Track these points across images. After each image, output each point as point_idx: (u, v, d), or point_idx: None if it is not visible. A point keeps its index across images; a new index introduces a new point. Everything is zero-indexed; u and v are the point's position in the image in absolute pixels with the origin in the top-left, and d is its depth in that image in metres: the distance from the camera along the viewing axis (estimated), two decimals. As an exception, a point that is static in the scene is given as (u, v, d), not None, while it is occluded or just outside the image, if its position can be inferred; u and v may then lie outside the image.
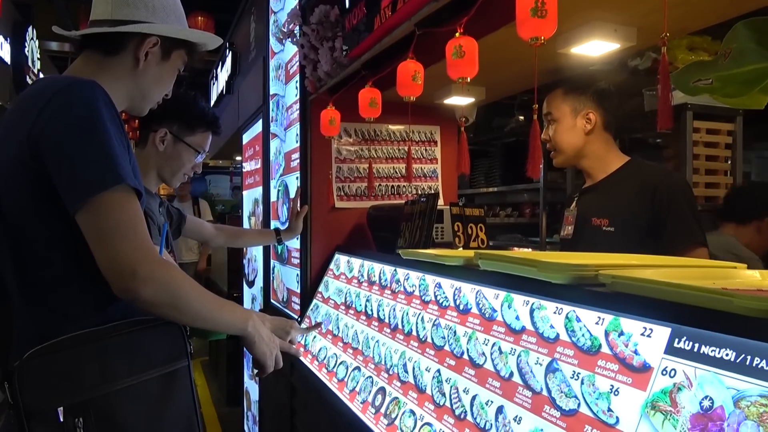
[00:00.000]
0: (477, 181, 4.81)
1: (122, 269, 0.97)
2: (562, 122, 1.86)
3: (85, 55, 1.22)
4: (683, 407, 0.81)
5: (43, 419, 0.97)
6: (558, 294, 1.12)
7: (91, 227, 0.98)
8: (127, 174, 1.02)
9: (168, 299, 1.02)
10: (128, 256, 0.97)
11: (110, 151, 1.00)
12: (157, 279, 0.99)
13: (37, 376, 0.98)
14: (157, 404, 1.08)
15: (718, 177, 2.89)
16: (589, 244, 1.80)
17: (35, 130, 1.00)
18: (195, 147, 1.93)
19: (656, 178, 1.74)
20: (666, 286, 0.90)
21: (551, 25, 1.07)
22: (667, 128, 0.88)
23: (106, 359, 1.04)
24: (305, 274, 2.56)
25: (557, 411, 1.01)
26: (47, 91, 1.03)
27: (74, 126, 1.00)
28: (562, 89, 1.88)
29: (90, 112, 1.01)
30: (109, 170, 0.99)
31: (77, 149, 0.99)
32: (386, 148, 2.65)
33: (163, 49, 1.25)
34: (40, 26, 6.77)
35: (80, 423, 0.98)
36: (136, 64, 1.22)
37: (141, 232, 1.01)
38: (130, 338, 1.07)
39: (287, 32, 2.44)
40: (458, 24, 1.37)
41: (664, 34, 0.94)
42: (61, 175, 0.99)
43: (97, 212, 0.98)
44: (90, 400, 1.00)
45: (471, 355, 1.31)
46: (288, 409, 2.41)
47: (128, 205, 1.01)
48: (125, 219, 0.99)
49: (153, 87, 1.28)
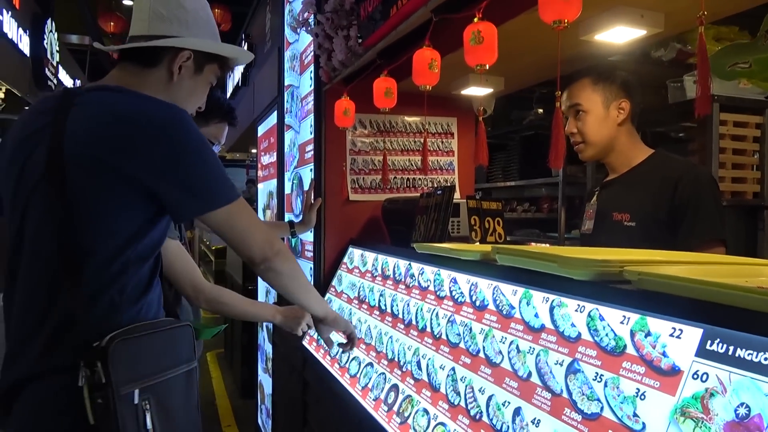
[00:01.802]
0: (494, 175, 4.73)
1: (264, 250, 1.25)
2: (593, 113, 1.77)
3: (122, 66, 1.28)
4: (716, 414, 0.75)
5: (124, 399, 1.05)
6: (580, 291, 1.06)
7: (232, 227, 1.21)
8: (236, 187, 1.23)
9: (290, 270, 1.34)
10: (265, 241, 1.26)
11: (223, 169, 1.20)
12: (284, 254, 1.30)
13: (122, 358, 1.06)
14: (185, 395, 1.21)
15: (746, 172, 2.80)
16: (609, 239, 1.74)
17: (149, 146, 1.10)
18: (209, 138, 1.88)
19: (679, 171, 1.67)
20: (698, 284, 0.84)
21: (575, 7, 1.02)
22: (705, 114, 0.82)
23: (161, 349, 1.17)
24: (318, 268, 2.53)
25: (578, 414, 0.96)
26: (157, 113, 1.13)
27: (196, 147, 1.15)
28: (590, 78, 1.78)
29: (199, 136, 1.17)
30: (231, 184, 1.20)
31: (205, 167, 1.16)
32: (402, 140, 2.60)
33: (196, 63, 1.30)
34: (59, 19, 6.81)
35: (146, 405, 1.08)
36: (171, 78, 1.28)
37: (262, 225, 1.32)
38: (171, 334, 1.21)
39: (302, 21, 2.40)
40: (477, 9, 1.32)
41: (702, 13, 0.88)
42: (187, 186, 1.13)
43: (235, 216, 1.20)
44: (153, 385, 1.11)
45: (487, 354, 1.26)
46: (300, 403, 2.39)
47: (248, 207, 1.25)
48: (253, 217, 1.28)
49: (187, 99, 1.33)
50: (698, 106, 0.87)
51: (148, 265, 1.18)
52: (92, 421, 1.02)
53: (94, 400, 1.02)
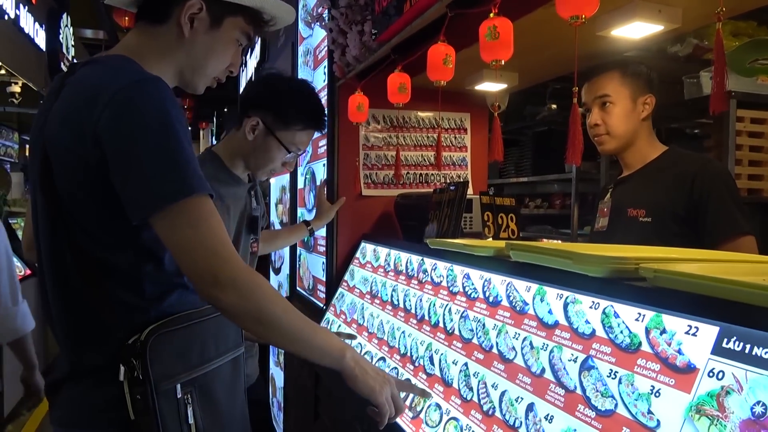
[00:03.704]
0: (507, 171, 4.73)
1: (203, 276, 0.94)
2: (621, 105, 1.76)
3: (136, 27, 1.14)
4: (732, 412, 0.75)
5: (165, 395, 0.99)
6: (594, 288, 1.06)
7: (169, 236, 0.95)
8: (200, 181, 0.96)
9: (252, 309, 0.97)
10: (208, 262, 0.93)
11: (180, 158, 0.95)
12: (240, 285, 0.95)
13: (162, 352, 1.00)
14: (230, 384, 1.14)
15: (763, 168, 2.77)
16: (624, 235, 1.73)
17: (99, 130, 0.94)
18: (286, 144, 1.69)
19: (695, 167, 1.66)
20: (714, 282, 0.83)
21: (593, 3, 1.01)
22: (721, 111, 0.82)
23: (204, 339, 1.08)
24: (331, 263, 2.54)
25: (592, 411, 0.96)
26: (111, 86, 0.96)
27: (144, 132, 0.94)
28: (619, 71, 1.77)
29: (159, 115, 0.95)
30: (181, 180, 0.94)
31: (149, 156, 0.94)
32: (415, 135, 2.60)
33: (211, 15, 1.11)
34: (74, 13, 6.87)
35: (189, 399, 1.02)
36: (182, 33, 1.10)
37: (219, 237, 0.96)
38: (216, 322, 1.10)
39: (316, 16, 2.40)
40: (493, 4, 1.31)
41: (720, 9, 0.87)
42: (128, 183, 0.95)
43: (173, 221, 0.94)
44: (196, 377, 1.05)
45: (500, 349, 1.26)
46: (312, 396, 2.40)
47: (204, 210, 0.96)
48: (202, 226, 0.95)
49: (204, 59, 1.14)
50: (713, 104, 0.86)
51: (167, 257, 1.05)
52: (132, 417, 0.98)
53: (134, 396, 0.98)
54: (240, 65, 1.27)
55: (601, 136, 1.80)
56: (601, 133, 1.79)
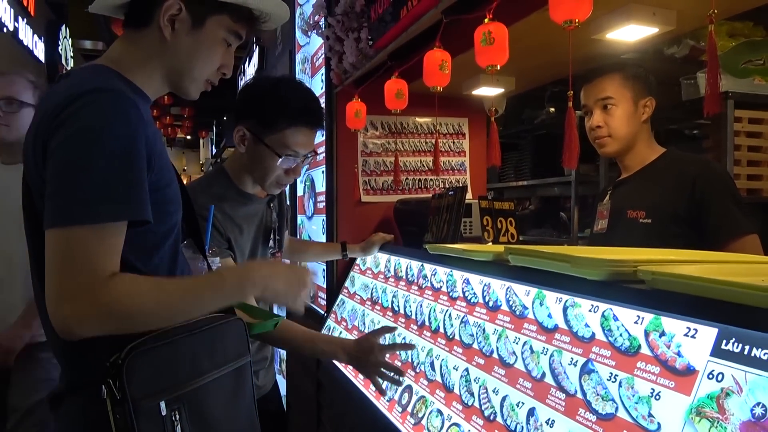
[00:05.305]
0: (506, 175, 4.72)
1: (54, 314, 0.88)
2: (623, 107, 1.75)
3: (122, 35, 1.10)
4: (732, 414, 0.75)
5: (146, 413, 0.95)
6: (593, 291, 1.06)
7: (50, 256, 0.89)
8: (105, 206, 0.90)
9: (113, 328, 0.92)
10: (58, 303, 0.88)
11: (88, 177, 0.89)
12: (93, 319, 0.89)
13: (141, 371, 0.96)
14: (231, 397, 1.09)
15: (762, 169, 2.76)
16: (624, 236, 1.73)
17: (48, 144, 0.92)
18: (276, 149, 1.52)
19: (695, 168, 1.67)
20: (712, 284, 0.83)
21: (586, 7, 1.01)
22: (715, 113, 0.82)
23: (195, 353, 1.03)
24: (331, 269, 2.54)
25: (593, 415, 0.96)
26: (62, 101, 0.93)
27: (65, 145, 0.90)
28: (622, 73, 1.76)
29: (88, 129, 0.90)
30: (72, 203, 0.89)
31: (60, 171, 0.90)
32: (413, 141, 2.61)
33: (192, 16, 1.06)
34: (73, 25, 6.90)
35: (176, 416, 0.98)
36: (164, 36, 1.05)
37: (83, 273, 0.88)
38: (211, 334, 1.06)
39: (312, 24, 2.41)
40: (487, 9, 1.32)
41: (712, 11, 0.88)
42: (48, 192, 0.91)
43: (47, 245, 0.89)
44: (184, 394, 1.00)
45: (501, 354, 1.26)
46: (315, 404, 2.40)
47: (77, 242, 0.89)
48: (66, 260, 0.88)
49: (190, 62, 1.09)
50: (707, 105, 0.87)
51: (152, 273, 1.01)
52: None
53: (115, 415, 0.94)
54: (239, 73, 1.24)
55: (603, 138, 1.79)
56: (603, 135, 1.78)
